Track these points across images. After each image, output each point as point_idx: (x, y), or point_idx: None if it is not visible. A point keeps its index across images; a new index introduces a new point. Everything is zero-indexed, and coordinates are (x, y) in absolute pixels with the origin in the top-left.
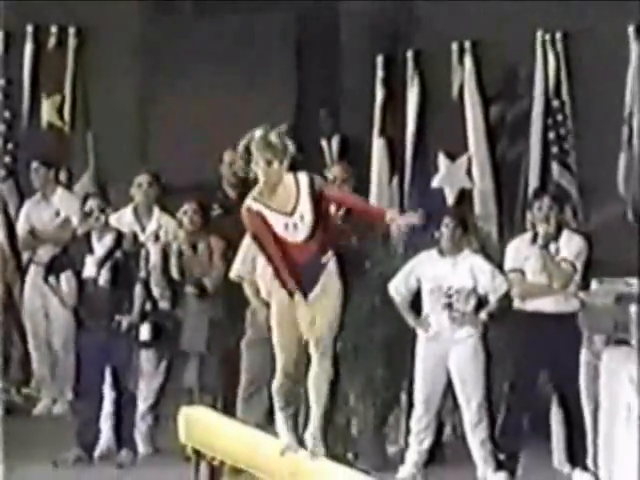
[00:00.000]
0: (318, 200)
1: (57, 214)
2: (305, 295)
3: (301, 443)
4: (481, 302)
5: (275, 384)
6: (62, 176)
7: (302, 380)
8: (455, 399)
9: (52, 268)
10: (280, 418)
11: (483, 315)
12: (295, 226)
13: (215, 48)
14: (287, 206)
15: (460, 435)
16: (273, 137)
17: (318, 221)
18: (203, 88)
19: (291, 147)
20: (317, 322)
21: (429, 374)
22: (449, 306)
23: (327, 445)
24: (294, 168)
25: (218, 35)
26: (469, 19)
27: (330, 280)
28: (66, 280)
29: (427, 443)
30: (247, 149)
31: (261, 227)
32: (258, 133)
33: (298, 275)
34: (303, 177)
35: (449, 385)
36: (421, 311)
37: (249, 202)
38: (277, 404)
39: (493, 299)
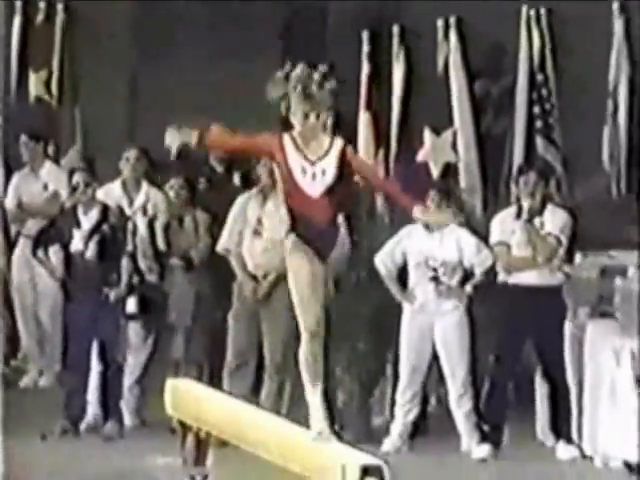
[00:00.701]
0: (343, 166)
1: (45, 188)
2: (324, 258)
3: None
4: (466, 275)
5: (301, 353)
6: (50, 150)
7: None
8: (440, 371)
9: (40, 241)
10: (313, 399)
11: (468, 288)
12: (313, 176)
13: (203, 25)
14: (313, 156)
15: (445, 407)
16: (314, 89)
17: (339, 181)
18: (190, 61)
19: (330, 99)
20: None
21: (414, 346)
22: (435, 279)
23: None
24: (335, 127)
25: (206, 14)
26: None
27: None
28: (54, 253)
29: (412, 415)
30: (286, 78)
31: (274, 143)
32: (300, 84)
33: (316, 234)
34: (339, 140)
35: (434, 357)
36: (407, 284)
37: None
38: (306, 380)
39: (478, 272)
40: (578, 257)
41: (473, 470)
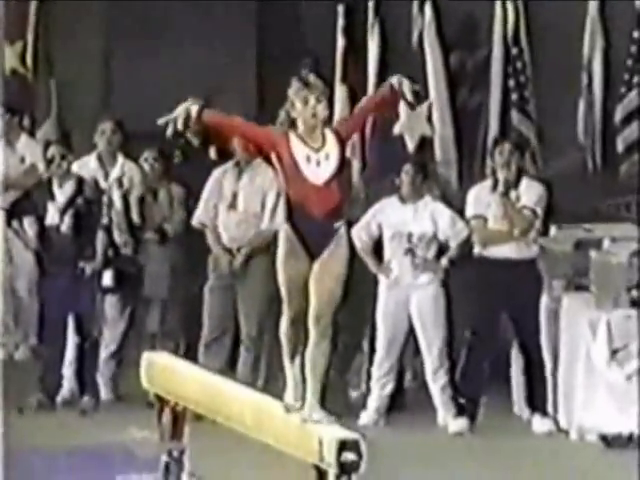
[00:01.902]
0: (344, 150)
1: (22, 160)
2: (312, 258)
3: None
4: (442, 248)
5: (281, 328)
6: (26, 122)
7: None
8: (416, 345)
9: (14, 213)
10: (289, 370)
11: (444, 261)
12: (318, 163)
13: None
14: (315, 144)
15: (421, 381)
16: (311, 78)
17: (342, 167)
18: (168, 35)
19: (324, 86)
20: (316, 296)
21: (390, 320)
22: (410, 252)
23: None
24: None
25: None
26: None
27: (339, 248)
28: (29, 225)
29: (389, 389)
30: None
31: (278, 135)
32: (295, 80)
33: (312, 228)
34: (329, 131)
35: (410, 331)
36: (383, 257)
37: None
38: (284, 351)
39: (454, 245)
40: (553, 230)
41: (449, 444)
